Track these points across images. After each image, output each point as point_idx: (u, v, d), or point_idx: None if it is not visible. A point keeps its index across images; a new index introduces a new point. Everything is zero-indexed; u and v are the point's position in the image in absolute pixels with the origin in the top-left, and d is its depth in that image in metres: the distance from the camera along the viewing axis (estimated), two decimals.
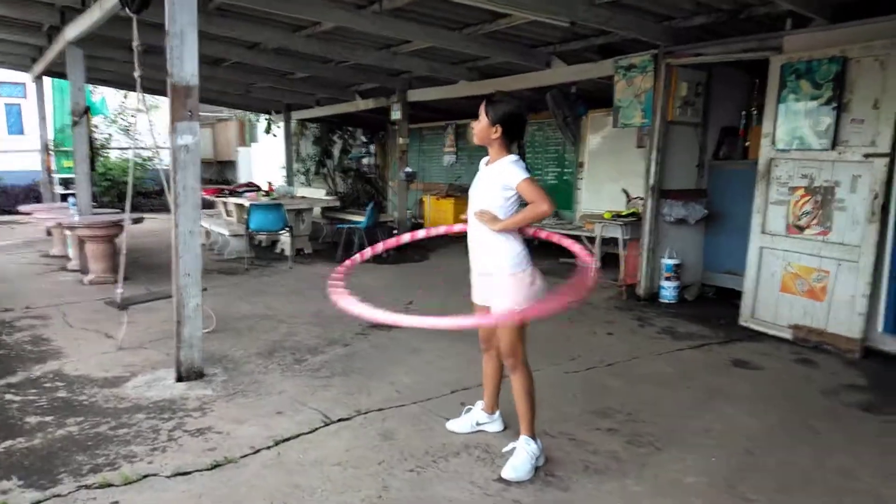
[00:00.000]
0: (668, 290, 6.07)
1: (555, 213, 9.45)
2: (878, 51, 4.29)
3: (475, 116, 2.74)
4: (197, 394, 3.57)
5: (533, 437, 2.79)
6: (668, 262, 6.07)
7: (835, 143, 4.53)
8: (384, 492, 2.57)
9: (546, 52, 6.92)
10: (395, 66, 7.69)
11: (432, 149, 12.40)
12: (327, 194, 10.60)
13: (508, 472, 2.68)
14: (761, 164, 5.08)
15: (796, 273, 4.86)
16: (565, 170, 9.71)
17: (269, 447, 2.94)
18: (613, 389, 3.79)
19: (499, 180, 2.67)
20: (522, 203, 2.71)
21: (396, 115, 9.16)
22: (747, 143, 6.37)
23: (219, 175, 18.09)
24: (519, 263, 2.72)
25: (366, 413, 3.34)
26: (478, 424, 3.13)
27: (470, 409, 3.18)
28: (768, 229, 5.05)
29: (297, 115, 12.59)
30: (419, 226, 11.21)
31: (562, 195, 9.73)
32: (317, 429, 3.14)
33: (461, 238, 2.94)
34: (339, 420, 3.25)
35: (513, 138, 2.73)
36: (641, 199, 6.71)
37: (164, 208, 14.59)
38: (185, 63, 3.52)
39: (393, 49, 7.34)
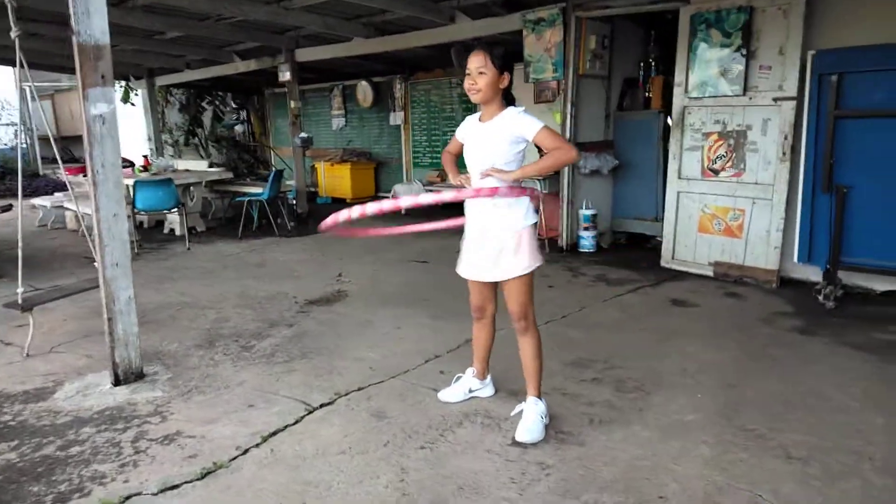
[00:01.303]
0: (587, 240, 6.27)
1: None
2: (781, 2, 4.57)
3: (363, 76, 2.52)
4: (145, 397, 3.16)
5: (540, 396, 2.75)
6: (585, 212, 6.25)
7: (745, 89, 4.83)
8: (404, 475, 2.42)
9: (449, 6, 6.72)
10: (288, 21, 7.13)
11: (318, 112, 11.84)
12: (210, 166, 9.79)
13: (523, 434, 2.62)
14: (675, 113, 5.32)
15: (713, 214, 5.19)
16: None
17: (257, 444, 2.66)
18: (578, 340, 3.84)
19: (507, 134, 2.52)
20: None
21: (285, 76, 8.57)
22: (648, 94, 6.66)
23: (64, 153, 16.15)
24: (529, 217, 2.62)
25: (347, 395, 3.13)
26: (470, 391, 3.04)
27: (460, 377, 3.08)
28: (684, 174, 5.33)
29: (161, 81, 11.43)
30: (314, 195, 10.74)
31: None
32: (302, 418, 2.89)
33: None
34: (322, 405, 3.01)
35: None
36: None
37: (9, 192, 12.84)
38: (92, 18, 2.98)
39: (283, 3, 6.80)
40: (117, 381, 3.27)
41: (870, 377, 3.17)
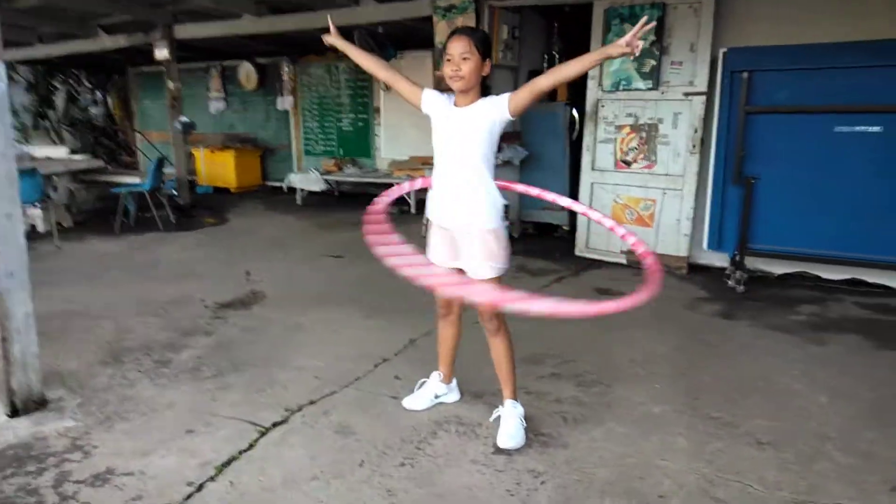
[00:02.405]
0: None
1: (353, 161, 9.12)
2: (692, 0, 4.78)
3: (245, 56, 2.30)
4: (55, 428, 2.68)
5: (516, 398, 2.65)
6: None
7: (658, 84, 5.01)
8: (393, 498, 2.21)
9: None
10: None
11: (193, 94, 10.87)
12: (72, 152, 8.69)
13: (505, 440, 2.51)
14: (589, 105, 5.42)
15: (626, 204, 5.36)
16: (360, 115, 9.34)
17: (212, 478, 2.33)
18: (525, 333, 3.72)
19: (487, 121, 2.35)
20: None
21: (163, 53, 7.78)
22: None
23: None
24: (501, 217, 2.48)
25: (300, 410, 2.84)
26: (436, 397, 2.87)
27: (424, 382, 2.90)
28: (598, 166, 5.46)
29: (5, 56, 9.95)
30: (193, 184, 9.91)
31: (359, 142, 9.41)
32: (256, 441, 2.58)
33: (256, 195, 2.52)
34: (276, 425, 2.71)
35: None
36: None
37: None
38: None
39: None
40: (14, 412, 2.76)
41: (802, 359, 3.39)
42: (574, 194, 6.42)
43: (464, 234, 2.47)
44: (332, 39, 2.67)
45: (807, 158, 4.39)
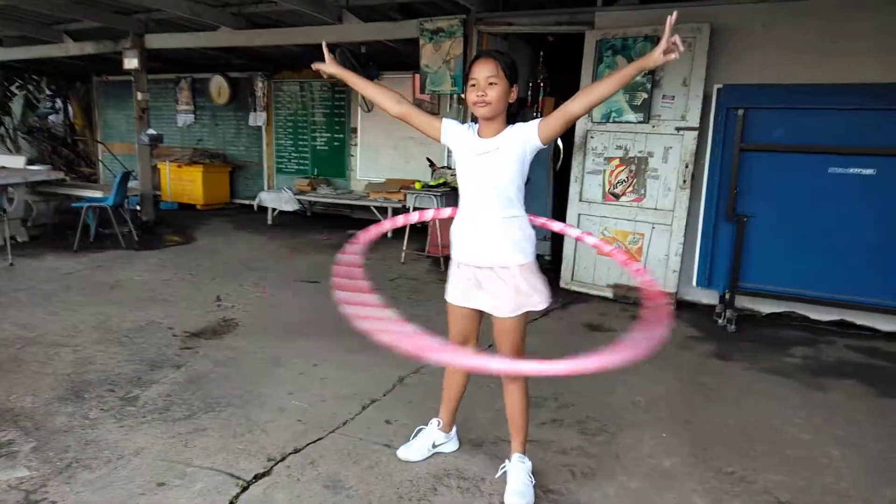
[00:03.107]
0: None
1: (327, 182, 8.90)
2: (686, 34, 4.73)
3: (217, 70, 2.12)
4: (5, 479, 2.37)
5: (524, 452, 2.46)
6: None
7: (649, 117, 4.95)
8: None
9: (337, 5, 6.25)
10: (144, 1, 6.16)
11: (160, 106, 10.53)
12: (30, 162, 8.24)
13: (515, 499, 2.30)
14: (578, 136, 5.34)
15: (613, 237, 5.27)
16: (336, 135, 9.13)
17: None
18: None
19: (518, 151, 2.19)
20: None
21: (132, 63, 7.46)
22: (538, 115, 6.69)
23: None
24: (533, 250, 2.30)
25: (283, 459, 2.59)
26: (434, 446, 2.66)
27: (421, 430, 2.69)
28: (585, 197, 5.37)
29: None
30: (157, 199, 9.51)
31: (334, 162, 9.19)
32: (237, 497, 2.32)
33: (224, 213, 2.33)
34: (257, 477, 2.46)
35: None
36: (448, 168, 6.62)
37: None
38: None
39: None
40: None
41: (804, 405, 3.29)
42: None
43: (493, 273, 2.28)
44: (329, 67, 2.46)
45: (800, 198, 4.37)
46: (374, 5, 6.07)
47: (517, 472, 2.39)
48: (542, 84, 6.66)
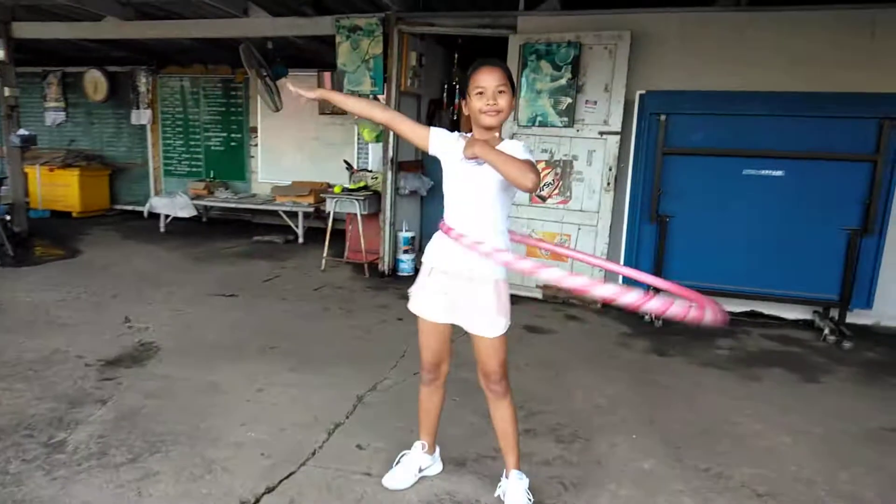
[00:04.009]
0: (407, 263, 6.00)
1: (225, 185, 8.37)
2: (607, 40, 4.90)
3: (93, 63, 1.98)
4: None
5: (520, 468, 2.40)
6: (405, 234, 5.98)
7: (573, 122, 5.07)
8: None
9: None
10: None
11: (23, 103, 9.28)
12: None
13: None
14: None
15: (541, 238, 5.34)
16: (233, 134, 8.60)
17: None
18: (473, 382, 3.55)
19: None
20: None
21: None
22: (454, 116, 6.67)
23: None
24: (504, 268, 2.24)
25: (259, 501, 2.35)
26: (420, 471, 2.53)
27: (405, 455, 2.54)
28: (514, 200, 5.39)
29: None
30: (26, 205, 8.45)
31: (231, 164, 8.66)
32: None
33: (105, 221, 2.19)
34: None
35: None
36: (367, 171, 6.42)
37: None
38: None
39: None
40: None
41: (747, 396, 3.50)
42: None
43: (470, 285, 2.19)
44: (311, 94, 2.29)
45: (717, 198, 4.65)
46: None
47: (515, 490, 2.32)
48: (457, 86, 6.64)
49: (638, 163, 4.81)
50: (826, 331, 4.47)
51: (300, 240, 7.49)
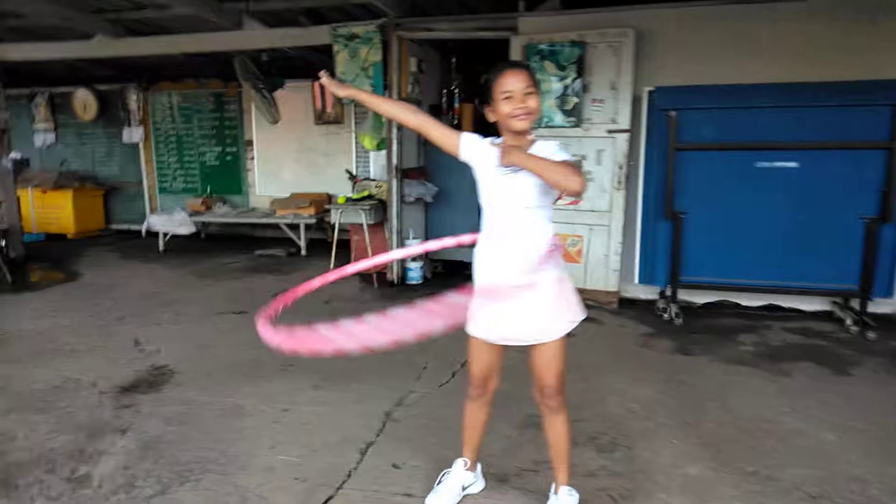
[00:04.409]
0: (416, 272, 5.92)
1: (223, 200, 8.26)
2: (611, 38, 4.85)
3: (81, 82, 1.91)
4: None
5: (570, 484, 2.32)
6: (412, 243, 5.88)
7: (580, 121, 5.00)
8: None
9: (237, 9, 5.75)
10: (6, 6, 5.30)
11: (12, 126, 9.19)
12: None
13: None
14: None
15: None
16: (228, 148, 8.49)
17: None
18: (506, 393, 3.46)
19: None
20: None
21: None
22: (455, 122, 6.59)
23: None
24: (561, 265, 2.17)
25: None
26: (463, 489, 2.44)
27: (447, 473, 2.46)
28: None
29: None
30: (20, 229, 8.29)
31: (227, 178, 8.55)
32: None
33: (102, 241, 2.10)
34: None
35: None
36: (370, 179, 6.34)
37: None
38: None
39: None
40: None
41: (781, 393, 3.43)
42: None
43: (528, 293, 2.10)
44: (341, 91, 2.23)
45: (731, 192, 4.60)
46: (279, 10, 5.66)
47: None
48: (454, 90, 6.57)
49: (650, 160, 4.76)
50: (848, 321, 4.43)
51: (303, 252, 7.39)
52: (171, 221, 7.60)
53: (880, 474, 2.60)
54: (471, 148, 2.15)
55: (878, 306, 4.54)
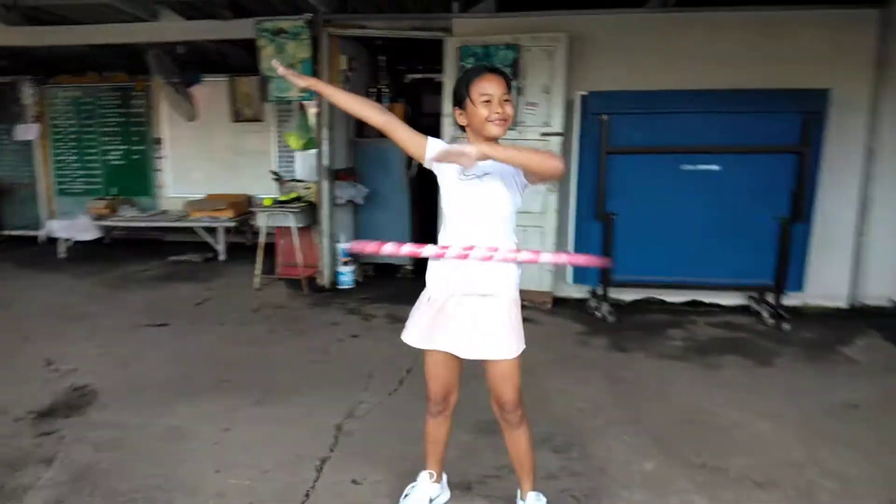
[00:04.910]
0: (347, 276, 5.78)
1: (130, 203, 7.76)
2: (545, 43, 4.93)
3: None
4: None
5: (537, 488, 2.32)
6: (344, 246, 5.75)
7: (515, 124, 5.05)
8: None
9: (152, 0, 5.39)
10: None
11: None
12: None
13: None
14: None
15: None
16: (135, 147, 7.96)
17: None
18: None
19: (511, 176, 2.06)
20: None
21: None
22: None
23: None
24: (518, 284, 2.17)
25: None
26: (430, 502, 2.39)
27: (414, 487, 2.40)
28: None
29: None
30: None
31: (134, 179, 8.03)
32: None
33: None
34: None
35: None
36: (298, 181, 6.13)
37: None
38: None
39: None
40: None
41: (714, 385, 3.60)
42: (423, 235, 6.26)
43: (484, 305, 2.08)
44: (302, 81, 2.10)
45: (658, 194, 4.78)
46: (197, 1, 5.35)
47: None
48: (383, 90, 6.46)
49: (583, 163, 4.87)
50: (765, 314, 4.73)
51: (221, 257, 7.05)
52: (73, 226, 7.03)
53: (814, 458, 2.79)
54: (436, 153, 2.10)
55: (790, 299, 4.87)
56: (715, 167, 4.67)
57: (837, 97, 4.54)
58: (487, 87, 1.98)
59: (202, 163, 7.80)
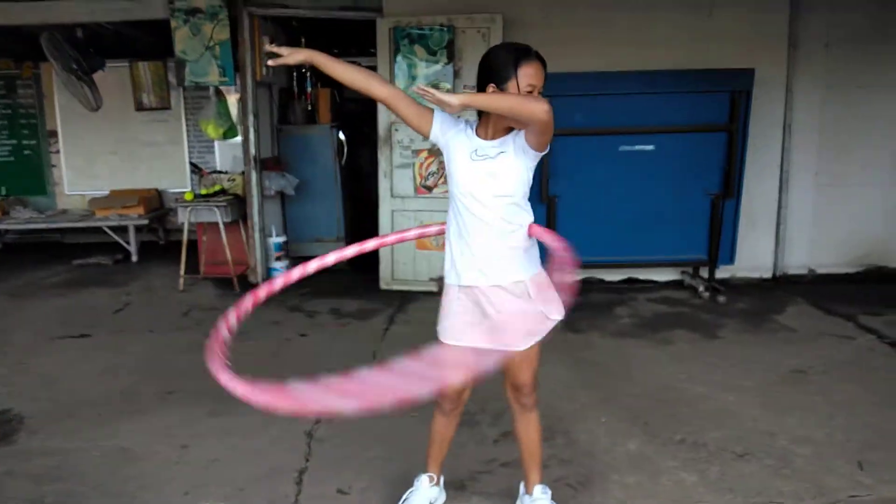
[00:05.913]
0: (281, 271, 5.48)
1: (23, 203, 7.05)
2: (480, 24, 4.85)
3: None
4: None
5: (543, 481, 2.27)
6: (276, 240, 5.48)
7: None
8: None
9: None
10: None
11: None
12: None
13: None
14: (382, 130, 5.10)
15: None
16: (25, 141, 7.19)
17: None
18: None
19: (521, 149, 1.96)
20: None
21: None
22: (310, 107, 6.22)
23: None
24: (538, 260, 2.07)
25: None
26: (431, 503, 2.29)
27: (413, 492, 2.27)
28: (397, 192, 5.17)
29: None
30: None
31: (27, 177, 7.27)
32: None
33: None
34: None
35: None
36: (222, 172, 5.74)
37: None
38: None
39: None
40: None
41: (672, 361, 3.71)
42: (355, 225, 6.07)
43: (504, 292, 1.98)
44: (294, 56, 1.89)
45: (597, 175, 4.85)
46: None
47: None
48: (307, 72, 6.17)
49: None
50: (701, 288, 4.93)
51: (134, 258, 6.51)
52: None
53: (781, 425, 2.91)
54: (444, 128, 1.98)
55: (721, 272, 5.10)
56: (650, 147, 4.79)
57: (759, 76, 4.75)
58: (534, 78, 1.90)
59: (103, 156, 7.14)
